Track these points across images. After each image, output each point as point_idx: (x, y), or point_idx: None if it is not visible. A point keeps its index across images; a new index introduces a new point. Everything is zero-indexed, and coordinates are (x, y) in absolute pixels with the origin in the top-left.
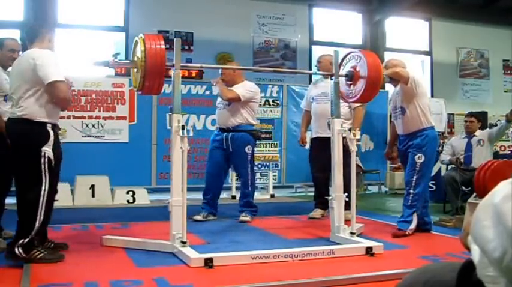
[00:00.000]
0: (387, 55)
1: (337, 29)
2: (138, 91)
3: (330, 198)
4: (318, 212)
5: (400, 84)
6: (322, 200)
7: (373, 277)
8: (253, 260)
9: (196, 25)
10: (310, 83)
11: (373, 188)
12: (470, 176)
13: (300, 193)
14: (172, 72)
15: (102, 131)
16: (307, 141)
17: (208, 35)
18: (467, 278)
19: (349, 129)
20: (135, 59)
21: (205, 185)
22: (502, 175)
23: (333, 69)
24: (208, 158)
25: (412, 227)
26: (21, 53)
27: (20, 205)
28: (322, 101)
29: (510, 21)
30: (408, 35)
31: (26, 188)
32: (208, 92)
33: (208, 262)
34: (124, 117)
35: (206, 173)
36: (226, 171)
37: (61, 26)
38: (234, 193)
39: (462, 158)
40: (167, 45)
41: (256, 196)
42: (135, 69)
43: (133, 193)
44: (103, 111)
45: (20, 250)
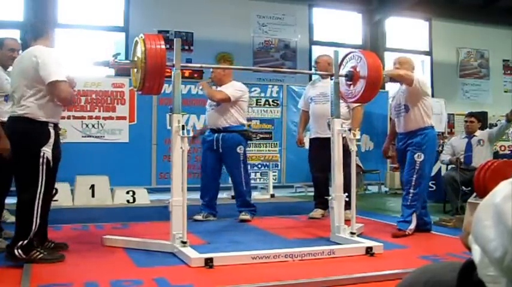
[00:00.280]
0: (387, 55)
1: (337, 29)
2: (138, 91)
3: (330, 198)
4: (318, 212)
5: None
6: (322, 200)
7: (373, 277)
8: (253, 260)
9: (196, 25)
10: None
11: (373, 188)
12: (470, 176)
13: (300, 193)
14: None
15: (102, 131)
16: (305, 142)
17: (208, 35)
18: (467, 278)
19: (349, 130)
20: (135, 59)
21: (201, 188)
22: (502, 175)
23: (331, 69)
24: (202, 160)
25: (411, 227)
26: (21, 52)
27: (18, 205)
28: (321, 101)
29: (510, 21)
30: (408, 35)
31: (23, 188)
32: None
33: (209, 262)
34: (124, 117)
35: (201, 176)
36: (220, 171)
37: (61, 26)
38: (233, 193)
39: (462, 158)
40: (167, 45)
41: (256, 196)
42: (135, 70)
43: (134, 193)
44: (103, 111)
45: (20, 252)
